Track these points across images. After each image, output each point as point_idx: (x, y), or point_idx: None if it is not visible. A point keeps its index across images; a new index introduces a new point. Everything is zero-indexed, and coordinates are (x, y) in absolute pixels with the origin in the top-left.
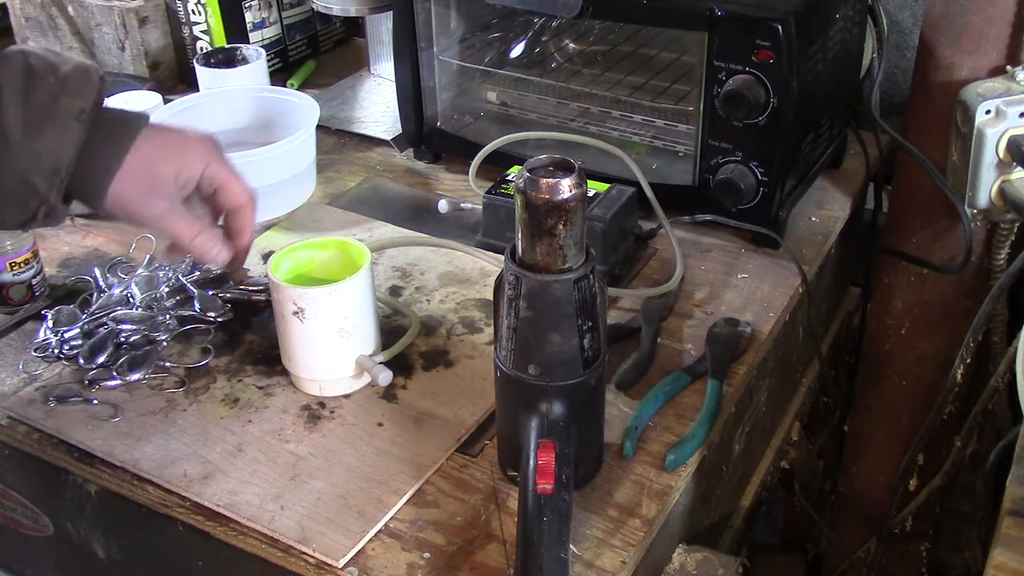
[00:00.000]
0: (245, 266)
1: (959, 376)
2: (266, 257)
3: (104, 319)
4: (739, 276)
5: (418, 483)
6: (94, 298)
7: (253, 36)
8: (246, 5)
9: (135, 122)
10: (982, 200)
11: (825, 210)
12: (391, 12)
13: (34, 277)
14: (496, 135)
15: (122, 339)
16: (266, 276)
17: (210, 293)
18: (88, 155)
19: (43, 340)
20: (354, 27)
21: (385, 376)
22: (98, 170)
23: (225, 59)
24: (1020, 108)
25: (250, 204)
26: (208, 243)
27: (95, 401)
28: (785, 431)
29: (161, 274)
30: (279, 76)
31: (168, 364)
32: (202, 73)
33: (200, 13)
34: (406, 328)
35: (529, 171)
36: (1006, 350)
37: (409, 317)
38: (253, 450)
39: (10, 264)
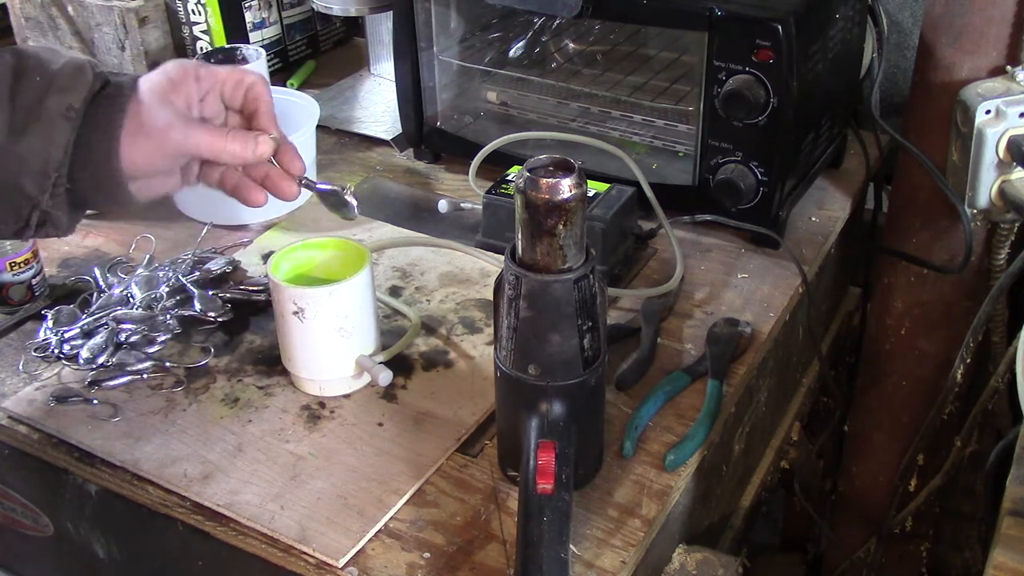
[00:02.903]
0: (244, 266)
1: (959, 376)
2: (266, 257)
3: (104, 319)
4: (739, 276)
5: (418, 483)
6: (94, 298)
7: (253, 36)
8: (246, 5)
9: (121, 98)
10: (982, 200)
11: (825, 210)
12: (391, 12)
13: (34, 277)
14: (496, 135)
15: (122, 339)
16: (266, 276)
17: (210, 293)
18: (83, 152)
19: (43, 340)
20: (354, 27)
21: (385, 376)
22: (99, 160)
23: (225, 59)
24: (1020, 108)
25: (257, 81)
26: (240, 137)
27: (95, 401)
28: (785, 431)
29: (161, 274)
30: (279, 76)
31: (168, 364)
32: None
33: (200, 13)
34: (406, 328)
35: (529, 171)
36: (1006, 350)
37: (409, 317)
38: (253, 450)
39: (10, 264)
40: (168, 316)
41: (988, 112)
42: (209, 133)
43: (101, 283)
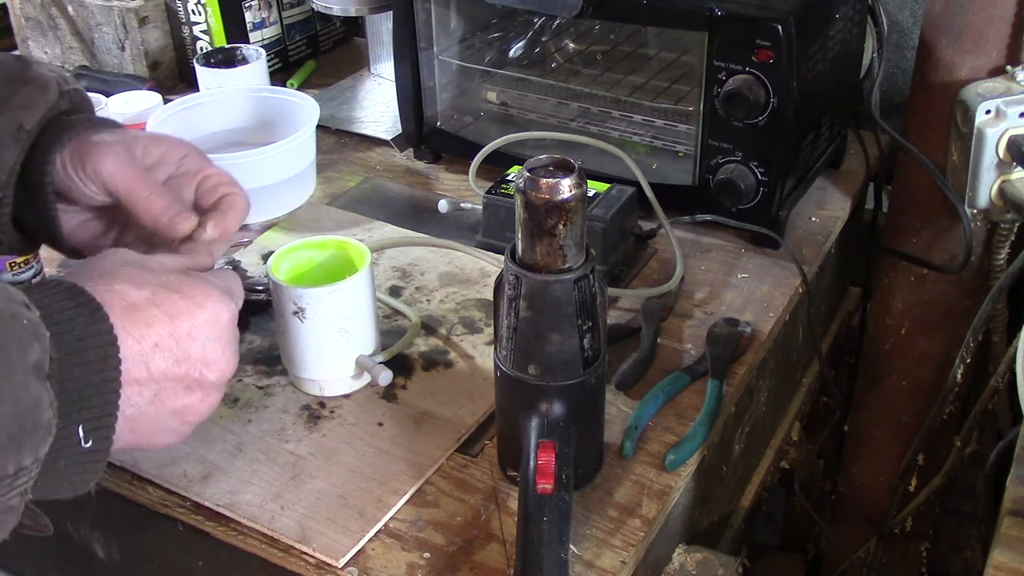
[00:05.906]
0: (244, 266)
1: (959, 376)
2: (266, 257)
3: None
4: (739, 276)
5: (418, 483)
6: None
7: (253, 36)
8: (246, 5)
9: (77, 125)
10: (982, 200)
11: (825, 210)
12: (391, 12)
13: (34, 277)
14: (496, 135)
15: None
16: (266, 276)
17: None
18: (29, 176)
19: None
20: (354, 27)
21: (385, 376)
22: (43, 183)
23: (225, 59)
24: (1020, 108)
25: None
26: (167, 200)
27: None
28: (785, 431)
29: None
30: (279, 76)
31: None
32: (202, 73)
33: (200, 13)
34: (406, 328)
35: (529, 171)
36: (1006, 350)
37: (409, 317)
38: (253, 450)
39: (10, 264)
40: None
41: (988, 112)
42: (136, 175)
43: None
